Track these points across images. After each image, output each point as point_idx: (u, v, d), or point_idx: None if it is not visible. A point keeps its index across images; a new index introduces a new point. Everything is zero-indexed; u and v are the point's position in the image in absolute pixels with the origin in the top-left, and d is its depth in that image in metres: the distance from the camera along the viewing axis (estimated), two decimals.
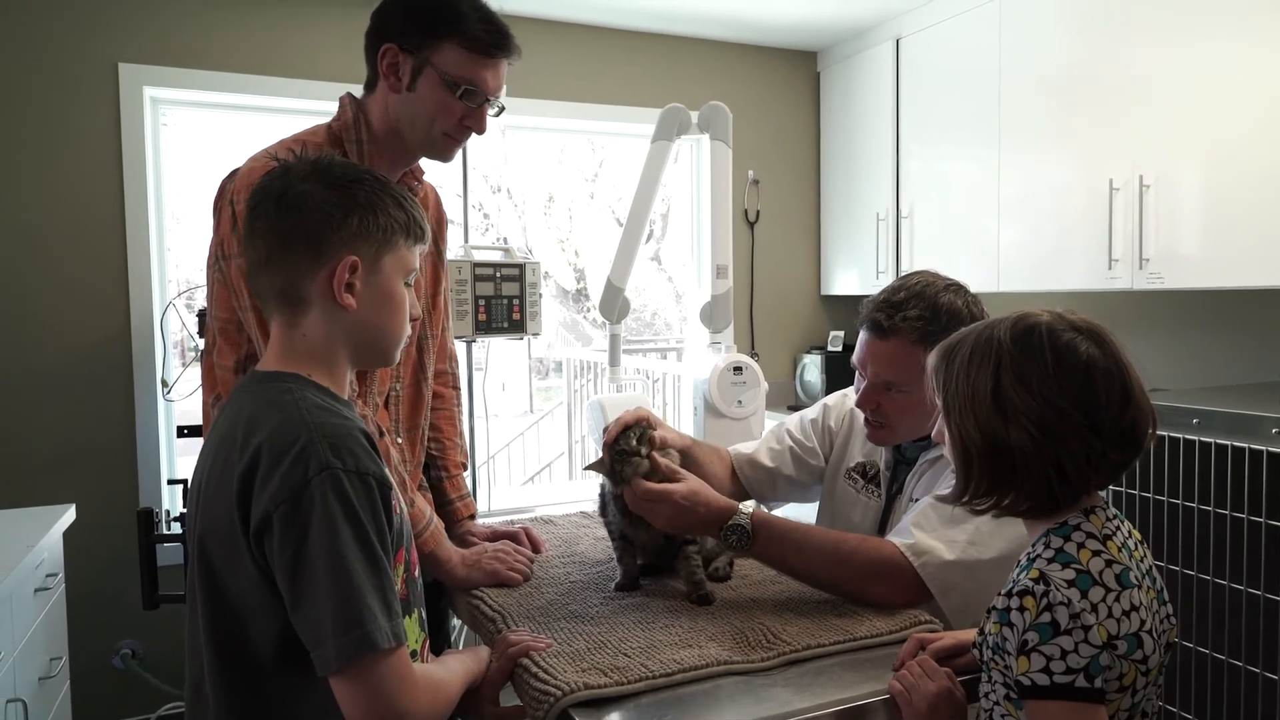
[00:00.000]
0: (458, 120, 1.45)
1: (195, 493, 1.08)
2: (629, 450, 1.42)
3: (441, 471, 1.71)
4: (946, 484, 1.41)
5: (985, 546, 1.34)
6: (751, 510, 1.41)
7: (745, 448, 1.77)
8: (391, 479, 1.03)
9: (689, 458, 1.64)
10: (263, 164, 1.35)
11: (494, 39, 1.44)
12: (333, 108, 1.52)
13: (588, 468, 1.53)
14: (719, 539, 1.42)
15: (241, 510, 0.97)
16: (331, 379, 1.08)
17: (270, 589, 0.97)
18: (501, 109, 1.51)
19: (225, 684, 1.01)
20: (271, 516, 0.95)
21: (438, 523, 1.52)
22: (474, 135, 1.50)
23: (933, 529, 1.37)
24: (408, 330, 1.14)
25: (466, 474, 1.77)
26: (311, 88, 3.11)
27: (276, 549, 0.95)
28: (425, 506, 1.51)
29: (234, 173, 1.43)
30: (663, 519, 1.40)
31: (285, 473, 0.95)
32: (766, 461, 1.74)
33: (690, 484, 1.42)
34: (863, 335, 1.51)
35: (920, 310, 1.44)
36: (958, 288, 1.50)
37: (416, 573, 1.15)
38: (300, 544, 0.94)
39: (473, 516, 1.72)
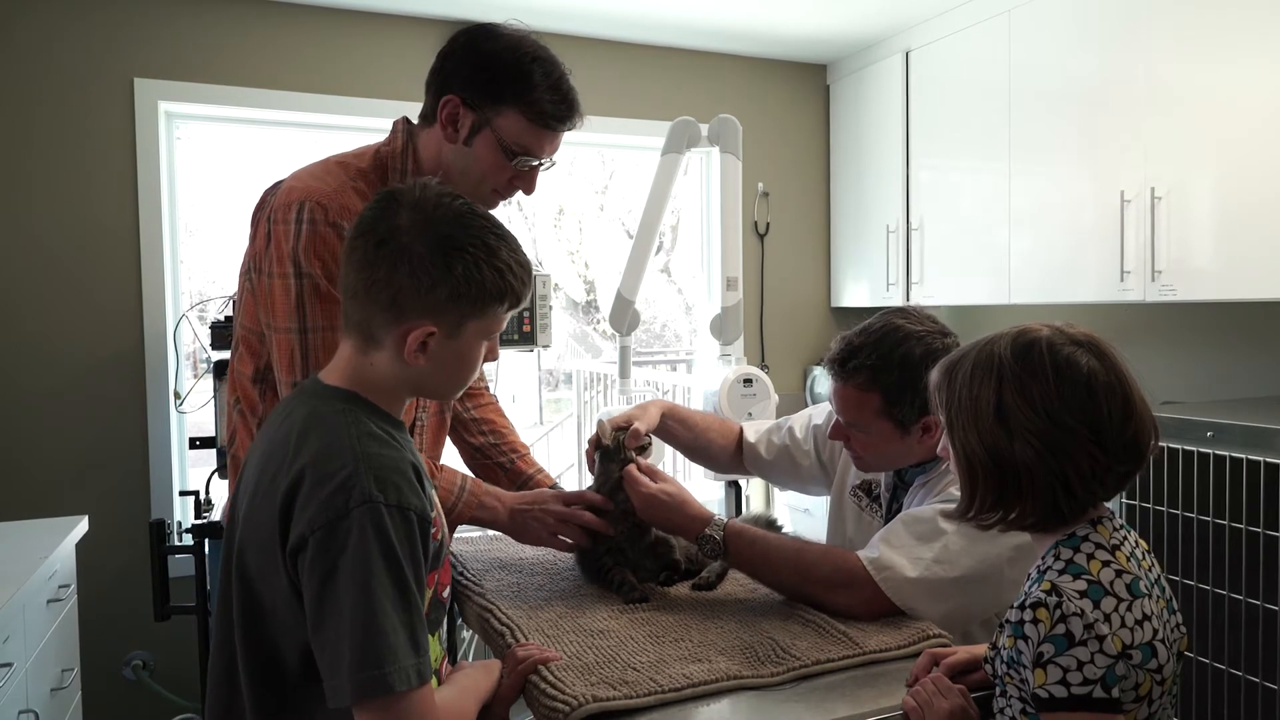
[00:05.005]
0: (507, 180, 1.44)
1: (240, 496, 1.08)
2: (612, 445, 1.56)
3: (511, 454, 1.74)
4: (933, 502, 1.42)
5: (951, 565, 1.34)
6: (725, 522, 1.47)
7: (751, 433, 1.81)
8: (431, 513, 1.03)
9: (674, 418, 1.73)
10: (303, 185, 1.35)
11: (559, 112, 1.41)
12: (345, 122, 1.53)
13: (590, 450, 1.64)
14: (695, 544, 1.49)
15: (282, 526, 0.98)
16: (389, 405, 1.09)
17: (301, 604, 0.98)
18: (552, 164, 1.48)
19: (255, 687, 1.02)
20: (307, 539, 0.95)
21: (471, 485, 1.51)
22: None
23: (899, 545, 1.37)
24: (473, 378, 1.15)
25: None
26: (325, 102, 3.13)
27: (307, 571, 0.96)
28: (451, 476, 1.51)
29: (276, 185, 1.43)
30: (642, 503, 1.49)
31: (326, 498, 0.95)
32: (764, 454, 1.79)
33: (673, 486, 1.51)
34: (827, 372, 1.53)
35: (874, 361, 1.43)
36: (922, 335, 1.44)
37: (445, 594, 1.15)
38: (330, 572, 0.94)
39: (554, 486, 1.74)
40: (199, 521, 2.54)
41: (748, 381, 2.64)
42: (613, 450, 1.55)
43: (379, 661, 0.92)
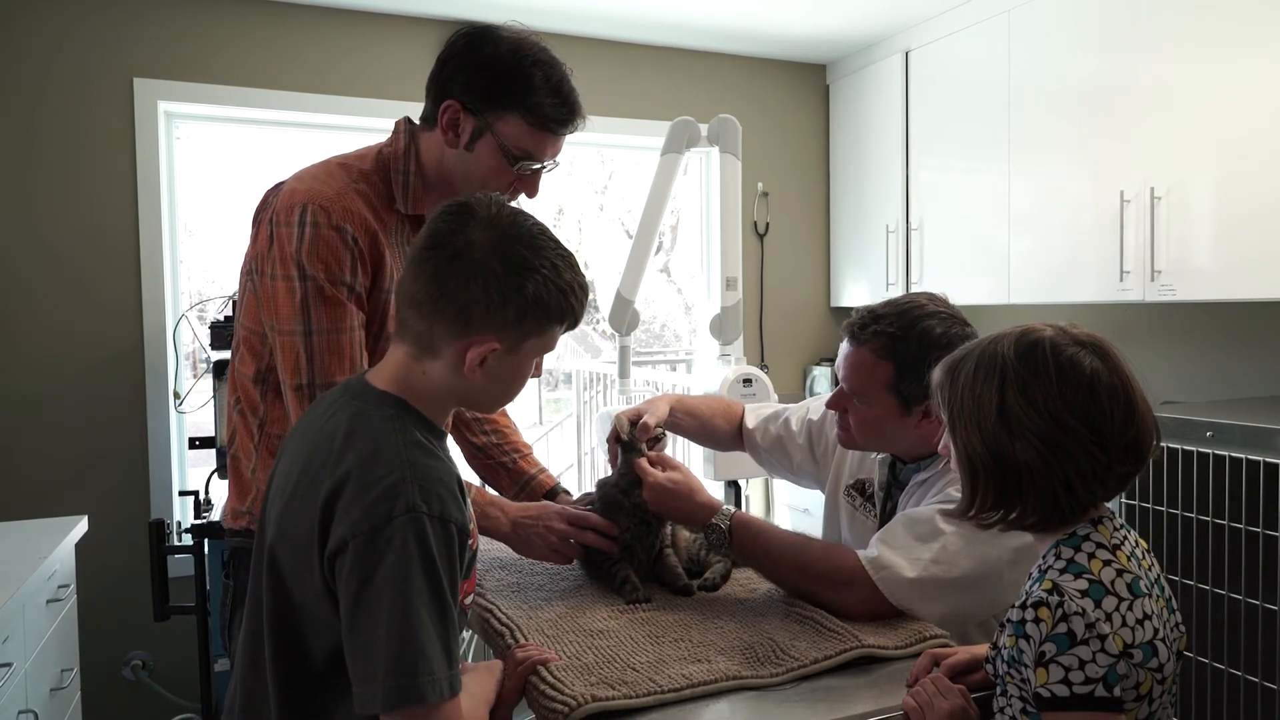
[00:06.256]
0: (509, 184, 1.43)
1: (275, 490, 1.08)
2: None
3: (514, 454, 1.74)
4: (932, 503, 1.42)
5: (950, 566, 1.33)
6: (732, 511, 1.48)
7: (752, 419, 1.83)
8: (470, 526, 1.03)
9: (681, 410, 1.75)
10: (306, 187, 1.35)
11: (560, 115, 1.40)
12: (344, 122, 1.52)
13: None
14: (702, 533, 1.51)
15: (321, 527, 0.98)
16: (434, 415, 1.09)
17: (333, 605, 0.98)
18: (555, 165, 1.47)
19: (280, 679, 1.03)
20: (348, 543, 0.95)
21: (475, 494, 1.51)
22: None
23: (898, 545, 1.37)
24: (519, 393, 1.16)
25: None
26: (325, 102, 3.13)
27: (345, 576, 0.96)
28: None
29: (279, 186, 1.42)
30: (650, 492, 1.50)
31: (370, 505, 0.95)
32: (759, 441, 1.81)
33: (681, 473, 1.53)
34: (842, 338, 1.54)
35: (894, 329, 1.44)
36: (945, 316, 1.45)
37: (468, 601, 1.15)
38: (368, 578, 0.94)
39: (555, 487, 1.74)
40: (198, 521, 2.54)
41: (747, 381, 2.65)
42: (630, 443, 1.57)
43: (413, 671, 0.92)
